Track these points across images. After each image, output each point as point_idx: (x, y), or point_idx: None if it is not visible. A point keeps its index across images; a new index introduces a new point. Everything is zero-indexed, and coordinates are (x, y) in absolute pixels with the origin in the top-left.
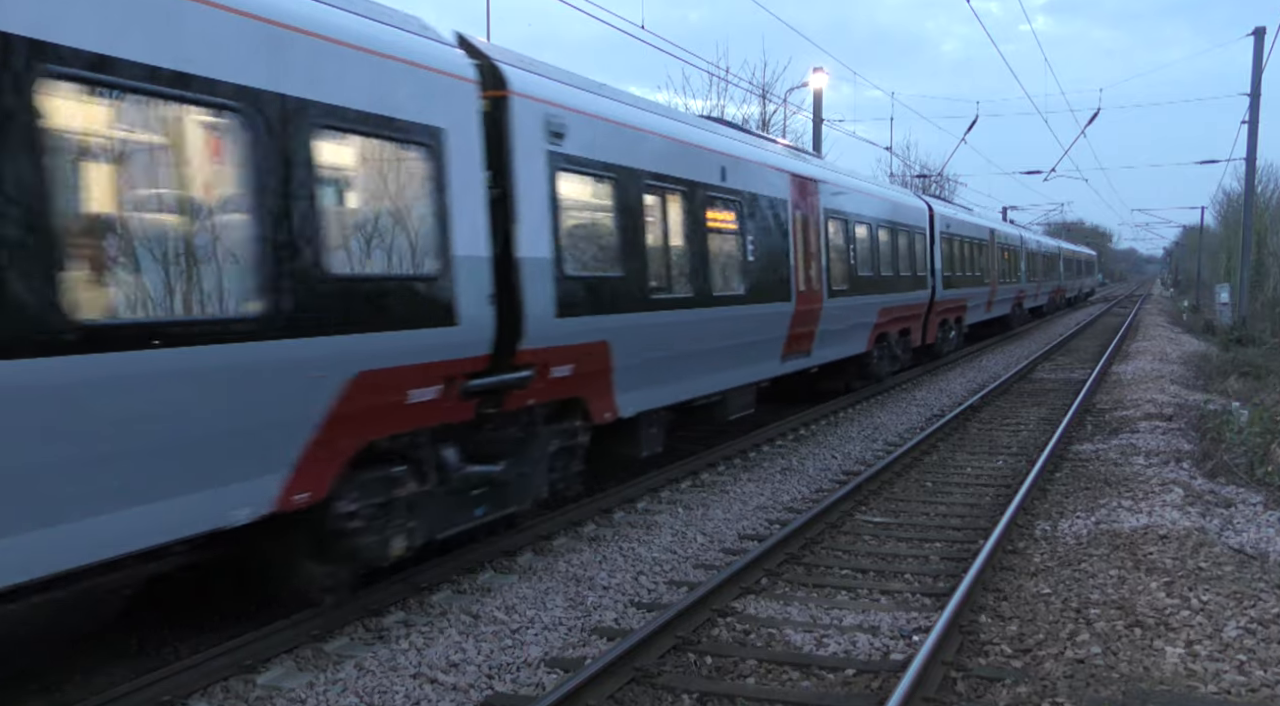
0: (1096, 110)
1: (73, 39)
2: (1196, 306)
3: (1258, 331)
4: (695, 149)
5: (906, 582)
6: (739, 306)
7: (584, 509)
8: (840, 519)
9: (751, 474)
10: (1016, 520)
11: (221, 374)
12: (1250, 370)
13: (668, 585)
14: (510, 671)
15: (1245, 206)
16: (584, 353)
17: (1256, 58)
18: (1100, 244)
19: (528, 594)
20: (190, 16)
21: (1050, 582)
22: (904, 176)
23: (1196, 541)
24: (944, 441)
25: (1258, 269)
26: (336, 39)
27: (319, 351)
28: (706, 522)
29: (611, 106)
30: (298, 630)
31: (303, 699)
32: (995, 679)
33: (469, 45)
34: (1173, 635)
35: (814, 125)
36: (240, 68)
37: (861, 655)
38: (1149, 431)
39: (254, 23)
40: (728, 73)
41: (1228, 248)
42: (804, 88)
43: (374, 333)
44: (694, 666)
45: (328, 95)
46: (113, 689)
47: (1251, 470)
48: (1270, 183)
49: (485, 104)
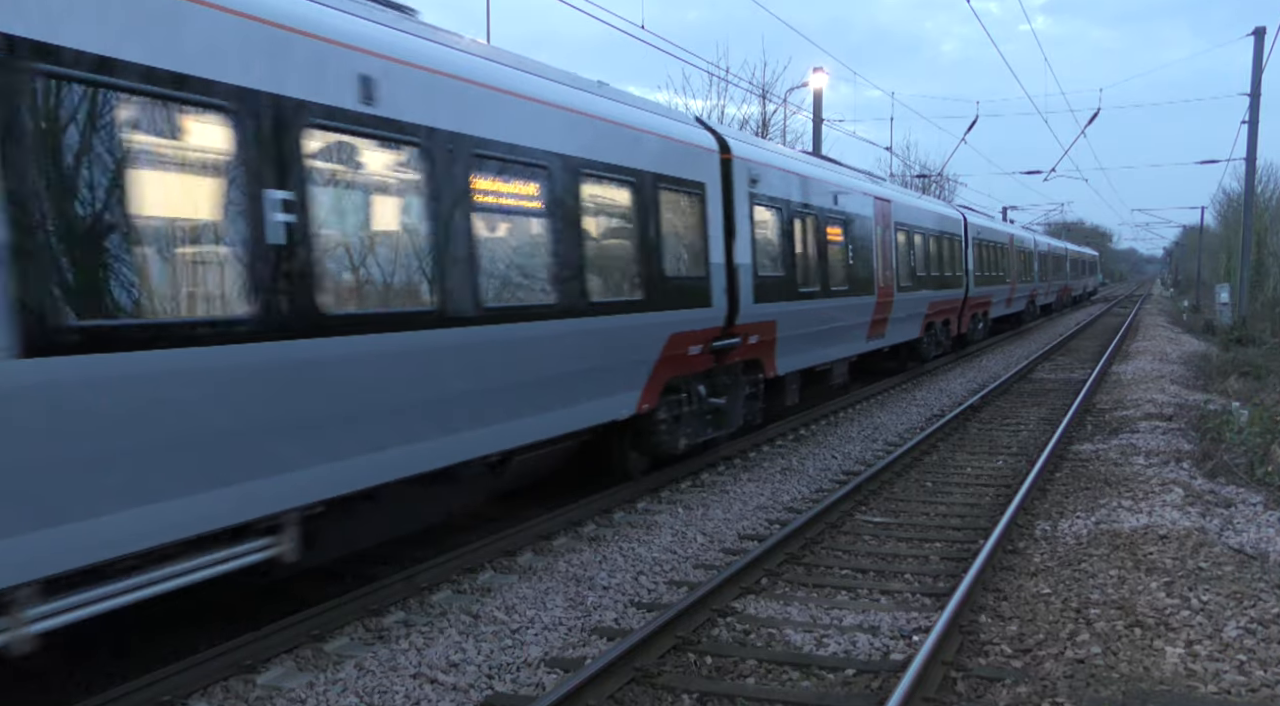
0: (1096, 110)
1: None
2: (1196, 306)
3: (1258, 331)
4: (819, 182)
5: (906, 582)
6: (845, 298)
7: (584, 509)
8: (840, 519)
9: (751, 474)
10: (1016, 520)
11: (629, 331)
12: (1250, 370)
13: (668, 585)
14: (510, 671)
15: (1245, 206)
16: (764, 328)
17: (1256, 58)
18: (1100, 244)
19: (528, 594)
20: (646, 142)
21: (1050, 582)
22: (904, 176)
23: (1196, 541)
24: (944, 441)
25: (1258, 269)
26: (674, 137)
27: (660, 319)
28: (706, 522)
29: (775, 157)
30: (298, 630)
31: (303, 699)
32: (995, 679)
33: (703, 123)
34: (1173, 635)
35: (814, 125)
36: (656, 160)
37: (861, 655)
38: (1149, 431)
39: (673, 143)
40: (728, 73)
41: (1228, 247)
42: (804, 88)
43: (679, 310)
44: (694, 666)
45: (671, 169)
46: (113, 689)
47: (1251, 470)
48: (1270, 183)
49: (721, 165)
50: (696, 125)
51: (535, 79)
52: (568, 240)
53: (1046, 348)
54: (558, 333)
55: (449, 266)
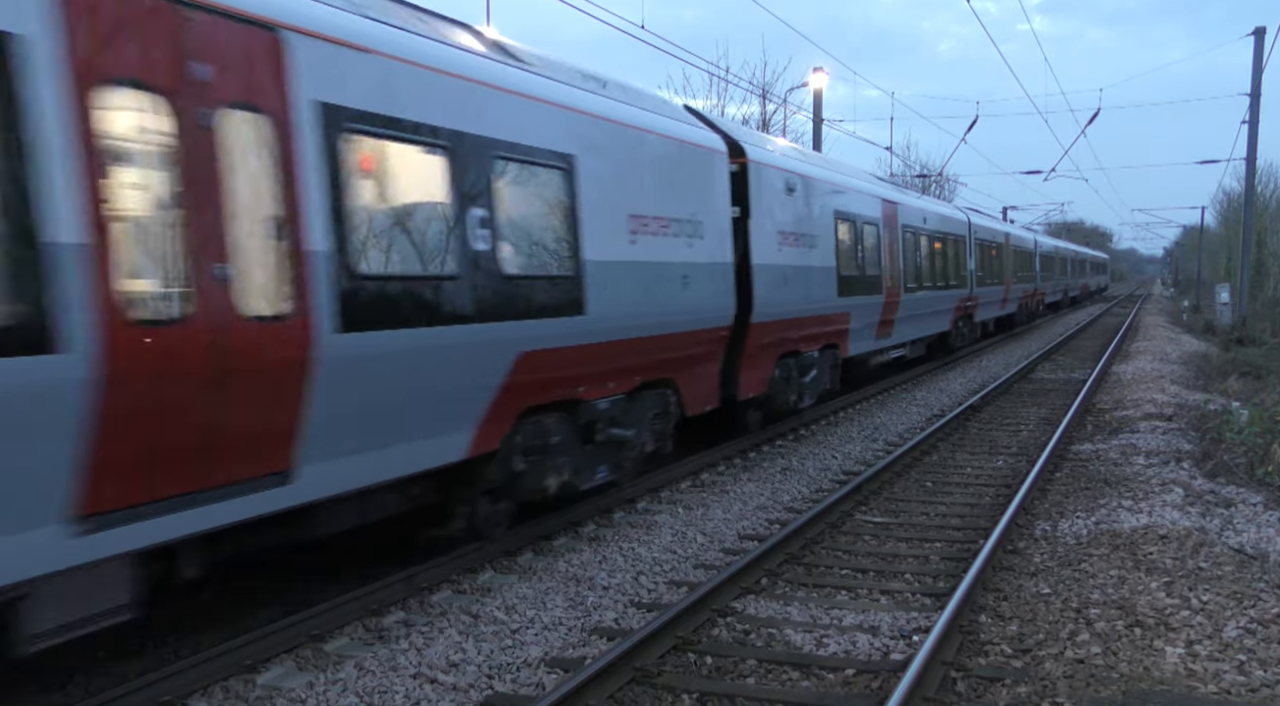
0: (1097, 110)
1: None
2: (1197, 306)
3: (1258, 331)
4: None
5: (906, 582)
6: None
7: (584, 509)
8: (840, 519)
9: (751, 474)
10: (1016, 520)
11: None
12: (1250, 370)
13: (668, 585)
14: (510, 671)
15: (1245, 206)
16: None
17: (1256, 58)
18: (1101, 244)
19: (528, 594)
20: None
21: (1050, 582)
22: (904, 177)
23: (1196, 541)
24: (944, 441)
25: (1258, 269)
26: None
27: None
28: (706, 522)
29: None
30: (298, 630)
31: (303, 699)
32: (995, 679)
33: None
34: (1173, 635)
35: (814, 125)
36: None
37: (861, 655)
38: (1149, 431)
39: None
40: (728, 73)
41: (1228, 247)
42: (804, 88)
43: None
44: (694, 666)
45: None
46: (113, 689)
47: (1251, 470)
48: (1270, 183)
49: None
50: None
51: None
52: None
53: (1046, 348)
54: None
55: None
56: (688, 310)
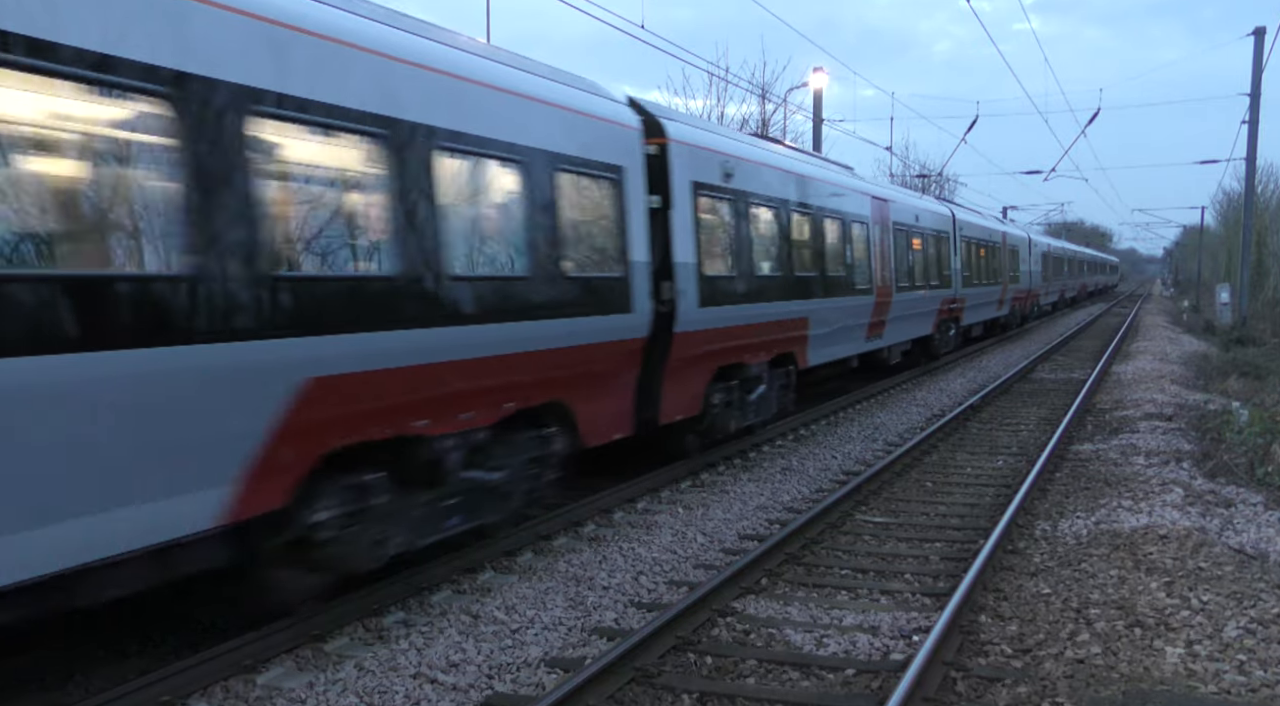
0: (1097, 110)
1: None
2: (1197, 306)
3: (1258, 331)
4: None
5: (906, 582)
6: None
7: (584, 509)
8: (840, 519)
9: (751, 474)
10: (1016, 520)
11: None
12: (1250, 370)
13: (668, 585)
14: (510, 671)
15: (1245, 206)
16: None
17: (1256, 58)
18: (1101, 244)
19: (528, 594)
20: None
21: (1050, 582)
22: (904, 177)
23: (1196, 541)
24: (944, 441)
25: (1258, 269)
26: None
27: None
28: (706, 522)
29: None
30: (297, 630)
31: (303, 699)
32: (995, 679)
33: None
34: (1173, 635)
35: (814, 125)
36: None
37: (861, 655)
38: (1149, 431)
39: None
40: (727, 72)
41: (1228, 247)
42: (804, 88)
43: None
44: (694, 666)
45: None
46: (113, 689)
47: (1251, 470)
48: (1270, 183)
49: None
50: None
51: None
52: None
53: (1046, 348)
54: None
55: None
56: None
